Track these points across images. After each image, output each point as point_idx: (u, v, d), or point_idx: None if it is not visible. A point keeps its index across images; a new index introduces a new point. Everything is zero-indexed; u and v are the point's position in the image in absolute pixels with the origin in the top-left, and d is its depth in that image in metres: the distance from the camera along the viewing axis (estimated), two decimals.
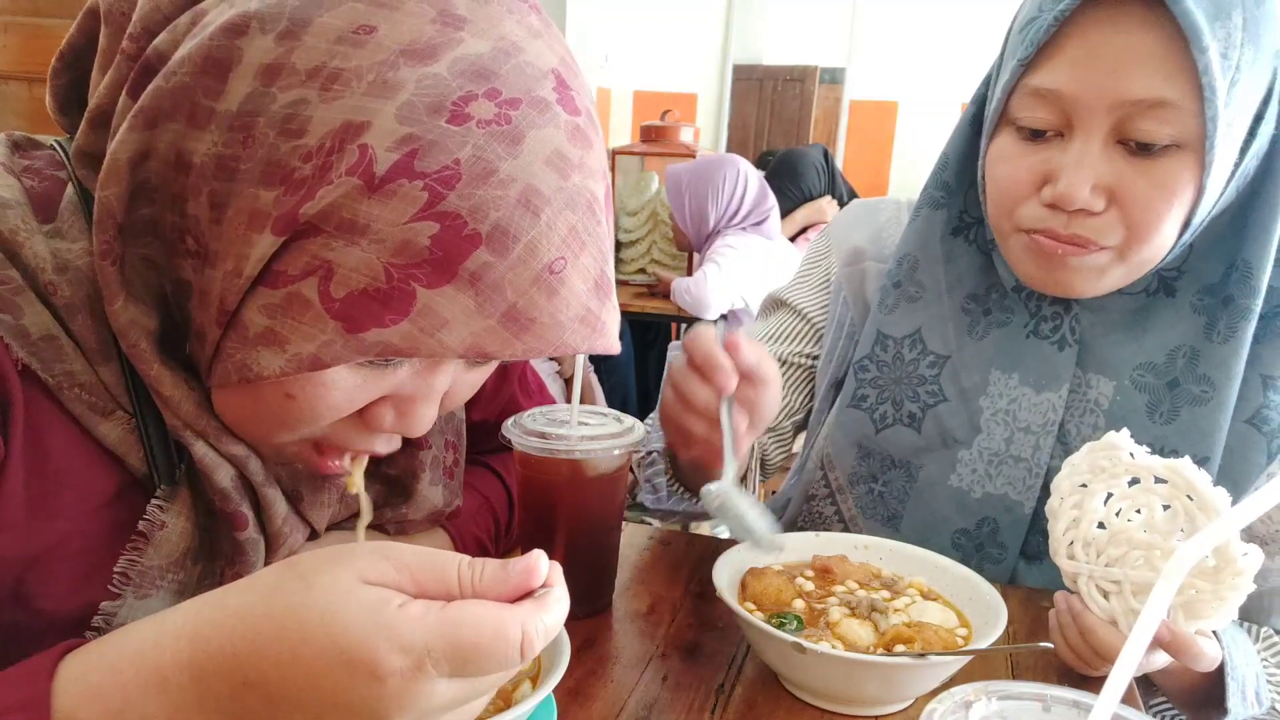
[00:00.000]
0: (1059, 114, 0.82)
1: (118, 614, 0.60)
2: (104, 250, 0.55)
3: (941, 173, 0.99)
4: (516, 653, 0.43)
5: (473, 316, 0.51)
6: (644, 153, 3.34)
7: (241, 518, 0.62)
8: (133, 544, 0.60)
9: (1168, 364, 0.89)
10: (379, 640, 0.42)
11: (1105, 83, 0.78)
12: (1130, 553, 0.71)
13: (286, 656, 0.42)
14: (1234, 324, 0.87)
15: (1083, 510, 0.74)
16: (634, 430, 0.81)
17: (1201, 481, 0.69)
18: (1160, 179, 0.79)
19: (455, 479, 0.82)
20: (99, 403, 0.58)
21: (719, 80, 7.61)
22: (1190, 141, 0.78)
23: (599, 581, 0.85)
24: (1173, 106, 0.77)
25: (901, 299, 1.00)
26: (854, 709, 0.71)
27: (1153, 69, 0.76)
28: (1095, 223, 0.82)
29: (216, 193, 0.52)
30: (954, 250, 0.98)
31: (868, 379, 1.00)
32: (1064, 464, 0.77)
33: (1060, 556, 0.75)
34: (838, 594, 0.78)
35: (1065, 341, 0.92)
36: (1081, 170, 0.80)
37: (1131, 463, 0.73)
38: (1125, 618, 0.71)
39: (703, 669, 0.76)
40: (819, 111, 7.44)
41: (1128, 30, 0.77)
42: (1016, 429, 0.93)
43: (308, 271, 0.51)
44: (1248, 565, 0.67)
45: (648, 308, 3.10)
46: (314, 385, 0.55)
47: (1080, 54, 0.79)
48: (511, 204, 0.50)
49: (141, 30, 0.54)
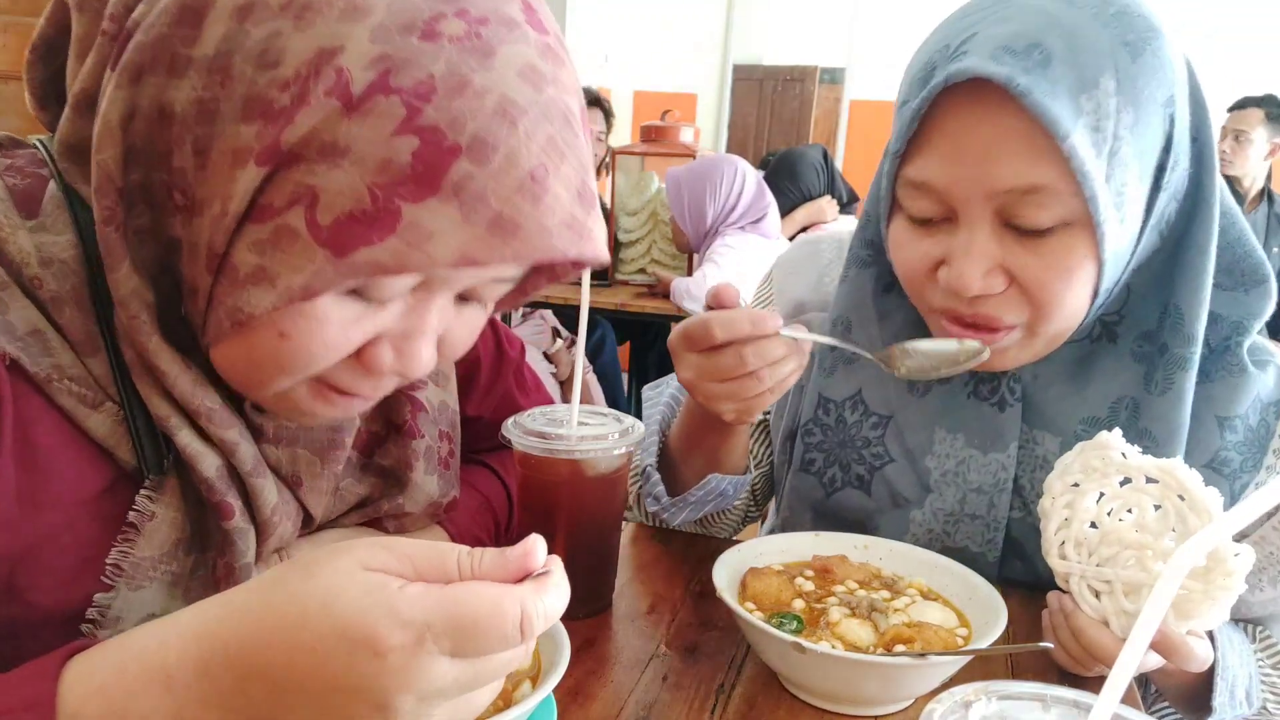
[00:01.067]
0: (939, 203, 0.79)
1: (111, 606, 0.60)
2: (106, 216, 0.55)
3: (864, 231, 0.95)
4: (515, 629, 0.44)
5: (459, 227, 0.51)
6: (644, 153, 3.33)
7: (228, 507, 0.62)
8: (123, 535, 0.60)
9: (1110, 417, 0.87)
10: (379, 616, 0.42)
11: (974, 174, 0.75)
12: (1122, 552, 0.71)
13: (289, 642, 0.43)
14: (1170, 375, 0.84)
15: (1074, 510, 0.74)
16: (634, 430, 0.81)
17: (1193, 482, 0.70)
18: (1054, 257, 0.76)
19: (451, 470, 0.82)
20: (88, 395, 0.59)
21: (719, 80, 7.62)
22: (1078, 218, 0.75)
23: (599, 581, 0.85)
24: (1048, 190, 0.73)
25: (839, 361, 0.98)
26: (854, 709, 0.71)
27: (1020, 155, 0.73)
28: (998, 301, 0.79)
29: (200, 139, 0.53)
30: (887, 307, 0.95)
31: (814, 443, 0.98)
32: (1056, 463, 0.77)
33: (1052, 556, 0.75)
34: (838, 594, 0.78)
35: (1005, 402, 0.90)
36: (970, 259, 0.77)
37: (1123, 462, 0.73)
38: (1117, 618, 0.71)
39: (703, 669, 0.76)
40: (819, 111, 7.44)
41: (989, 119, 0.73)
42: (968, 490, 0.91)
43: (293, 200, 0.51)
44: (1239, 566, 0.67)
45: (648, 308, 3.10)
46: (306, 320, 0.54)
47: (946, 146, 0.76)
48: (488, 114, 0.51)
49: (121, 9, 0.55)
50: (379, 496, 0.77)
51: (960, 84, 0.73)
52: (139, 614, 0.61)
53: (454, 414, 0.83)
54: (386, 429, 0.77)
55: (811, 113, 7.43)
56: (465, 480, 0.89)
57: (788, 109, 7.53)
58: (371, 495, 0.77)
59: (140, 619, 0.60)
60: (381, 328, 0.57)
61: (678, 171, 3.09)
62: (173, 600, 0.62)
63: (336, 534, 0.76)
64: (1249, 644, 0.86)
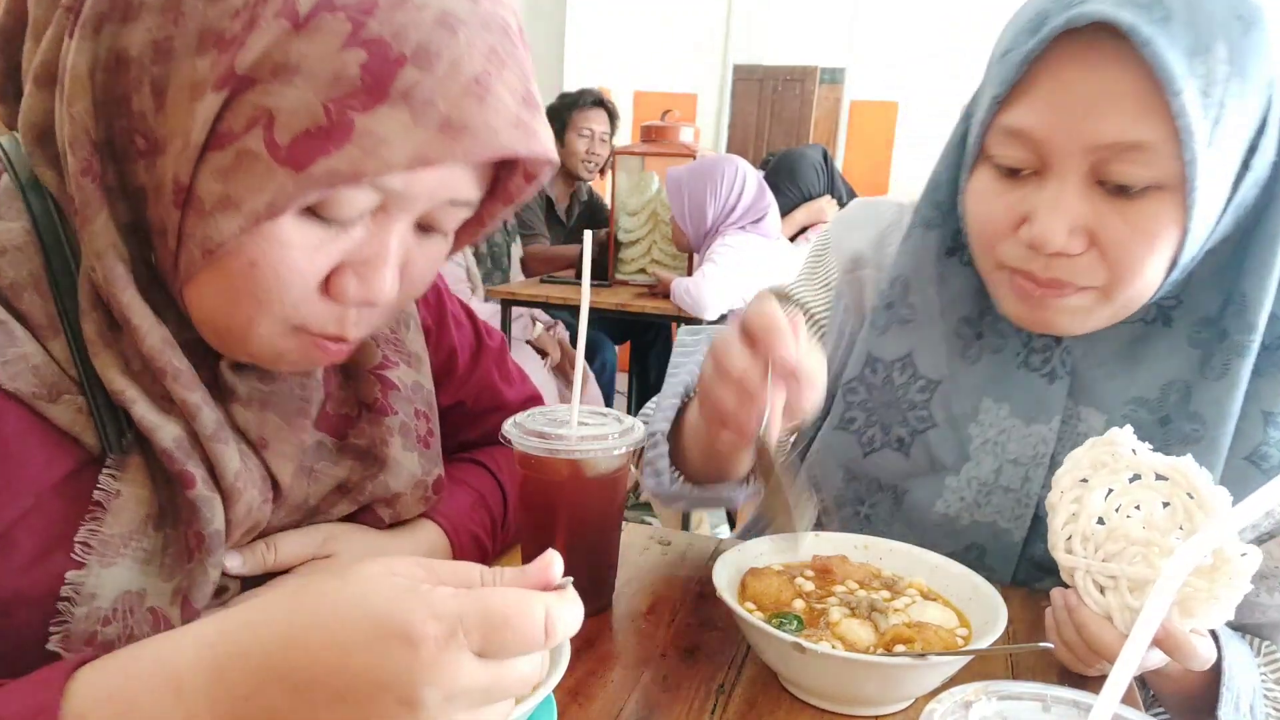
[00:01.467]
0: (1034, 154, 0.78)
1: (85, 583, 0.61)
2: (83, 168, 0.57)
3: (933, 193, 0.95)
4: (541, 631, 0.46)
5: (410, 130, 0.53)
6: (644, 153, 3.33)
7: (189, 476, 0.63)
8: (91, 514, 0.61)
9: (1160, 399, 0.86)
10: (414, 607, 0.44)
11: (1078, 125, 0.75)
12: (1128, 549, 0.71)
13: (318, 640, 0.44)
14: (1228, 360, 0.83)
15: (1082, 505, 0.74)
16: (634, 430, 0.81)
17: (1202, 480, 0.69)
18: (1140, 221, 0.76)
19: (432, 449, 0.83)
20: (52, 382, 0.60)
21: (719, 80, 7.62)
22: (1171, 182, 0.74)
23: (599, 581, 0.85)
24: (1149, 149, 0.73)
25: (893, 321, 0.97)
26: (854, 709, 0.71)
27: (1127, 110, 0.73)
28: (1075, 264, 0.79)
29: (157, 79, 0.55)
30: (948, 271, 0.95)
31: (856, 401, 0.98)
32: (1065, 458, 0.77)
33: (1058, 550, 0.75)
34: (838, 594, 0.78)
35: (1056, 374, 0.90)
36: (1057, 213, 0.77)
37: (1133, 459, 0.73)
38: (1121, 613, 0.71)
39: (703, 669, 0.76)
40: (819, 112, 7.44)
41: (1101, 69, 0.73)
42: (1005, 460, 0.91)
43: (251, 123, 0.53)
44: (1245, 565, 0.67)
45: (648, 308, 3.09)
46: (273, 246, 0.56)
47: (1052, 94, 0.76)
48: (430, 25, 0.54)
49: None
50: (360, 479, 0.77)
51: (1074, 32, 0.73)
52: (114, 590, 0.61)
53: (429, 394, 0.84)
54: (359, 409, 0.78)
55: (811, 113, 7.43)
56: (458, 477, 0.90)
57: (788, 109, 7.53)
58: (351, 478, 0.77)
59: (116, 596, 0.61)
60: (345, 254, 0.59)
61: (678, 172, 3.08)
62: (147, 576, 0.63)
63: (329, 528, 0.76)
64: (1254, 658, 0.86)
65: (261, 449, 0.68)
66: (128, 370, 0.61)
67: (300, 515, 0.75)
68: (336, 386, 0.78)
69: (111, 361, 0.61)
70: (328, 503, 0.76)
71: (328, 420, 0.76)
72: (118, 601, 0.61)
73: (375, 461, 0.77)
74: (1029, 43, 0.75)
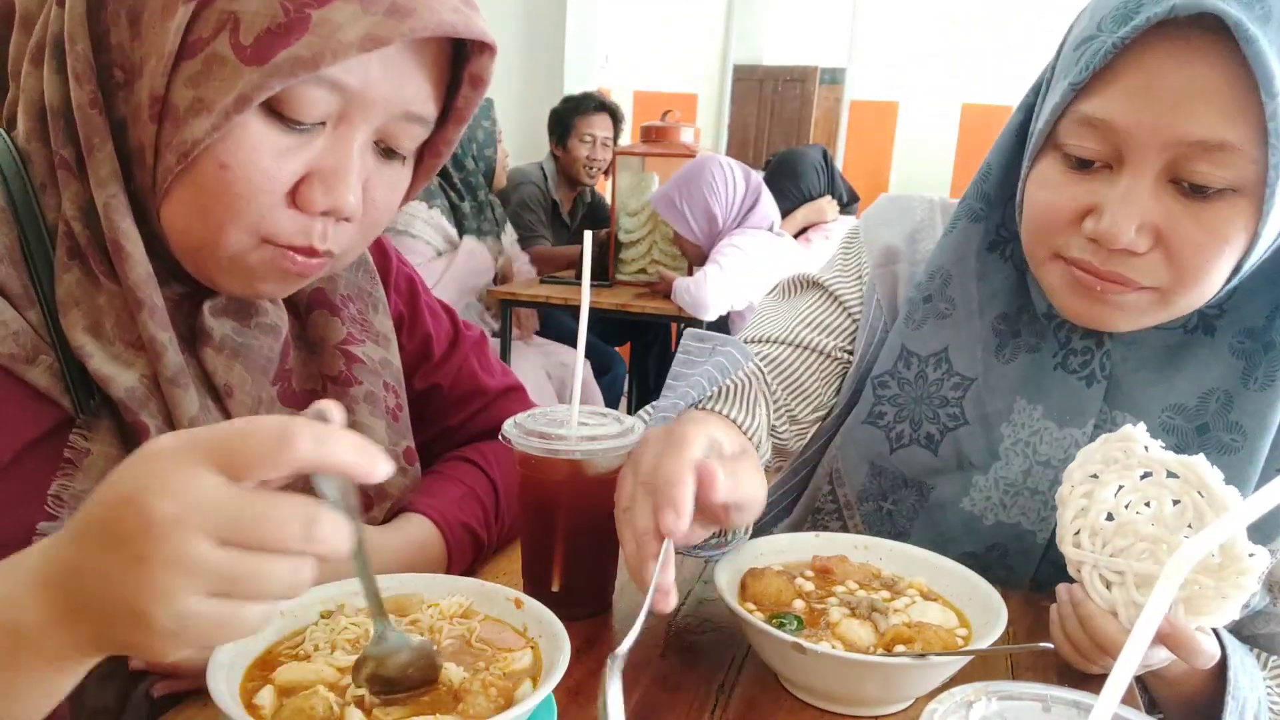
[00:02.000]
0: (1109, 145, 0.76)
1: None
2: (91, 100, 0.63)
3: (983, 183, 0.93)
4: (285, 437, 0.44)
5: (360, 17, 0.60)
6: (644, 153, 3.32)
7: (143, 426, 0.66)
8: (62, 470, 0.65)
9: (1199, 407, 0.85)
10: (153, 442, 0.46)
11: (1163, 119, 0.72)
12: (1136, 545, 0.71)
13: (101, 493, 0.46)
14: (1274, 371, 0.82)
15: (1092, 500, 0.74)
16: (634, 430, 0.81)
17: (1213, 479, 0.69)
18: (1212, 224, 0.74)
19: (401, 422, 0.86)
20: (30, 347, 0.64)
21: (719, 80, 7.61)
22: (1248, 186, 0.73)
23: (599, 581, 0.85)
24: (1233, 150, 0.71)
25: (930, 315, 0.95)
26: (854, 709, 0.71)
27: (1216, 108, 0.71)
28: (1138, 263, 0.77)
29: (133, 8, 0.62)
30: (989, 266, 0.93)
31: (887, 396, 0.96)
32: (1078, 453, 0.76)
33: (1065, 544, 0.74)
34: (838, 594, 0.78)
35: (1094, 377, 0.89)
36: (1129, 208, 0.75)
37: (1145, 456, 0.72)
38: (1126, 609, 0.71)
39: (703, 669, 0.76)
40: (819, 112, 7.43)
41: (1191, 63, 0.71)
42: (1036, 461, 0.90)
43: (218, 28, 0.60)
44: (1253, 564, 0.67)
45: (648, 308, 3.09)
46: (242, 148, 0.62)
47: (1138, 85, 0.74)
48: None
49: None
50: None
51: (1166, 23, 0.71)
52: None
53: (397, 370, 0.87)
54: (323, 383, 0.81)
55: (811, 113, 7.42)
56: (446, 473, 0.91)
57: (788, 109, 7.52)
58: None
59: None
60: (309, 164, 0.65)
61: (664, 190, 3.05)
62: None
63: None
64: (1259, 670, 0.86)
65: (226, 397, 0.72)
66: (91, 329, 0.65)
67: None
68: (301, 362, 0.80)
69: (78, 320, 0.65)
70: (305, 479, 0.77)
71: (294, 396, 0.79)
72: None
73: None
74: (1119, 30, 0.73)
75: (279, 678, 0.59)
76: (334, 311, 0.82)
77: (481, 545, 0.89)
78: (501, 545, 0.95)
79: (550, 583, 0.81)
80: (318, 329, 0.81)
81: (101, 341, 0.65)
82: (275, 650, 0.63)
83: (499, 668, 0.62)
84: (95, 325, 0.65)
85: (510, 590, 0.69)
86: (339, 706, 0.56)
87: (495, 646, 0.65)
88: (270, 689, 0.58)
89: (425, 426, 0.96)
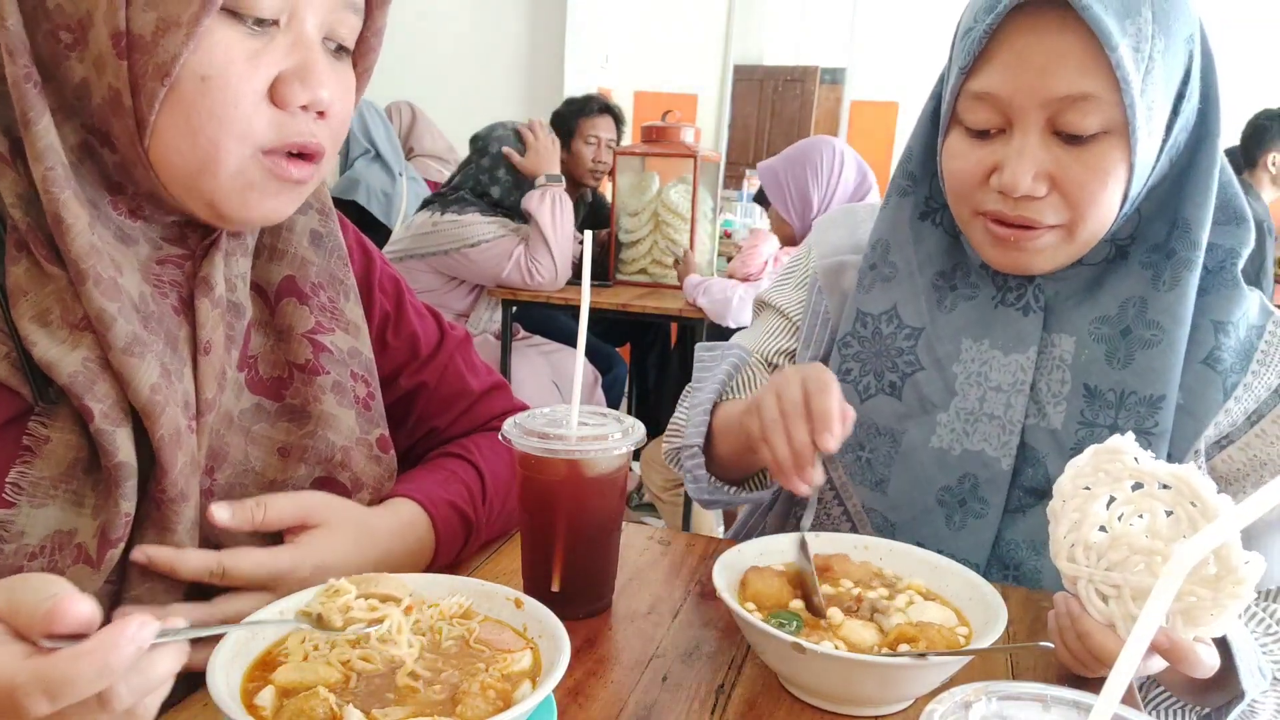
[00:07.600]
0: (999, 113, 0.90)
1: (14, 522, 0.65)
2: (24, 74, 0.64)
3: (907, 164, 1.07)
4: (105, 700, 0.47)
5: None
6: (645, 153, 3.32)
7: (87, 410, 0.66)
8: (21, 458, 0.65)
9: (1119, 314, 0.97)
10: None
11: (1034, 83, 0.87)
12: (1131, 557, 0.71)
13: None
14: (1177, 273, 0.95)
15: (1084, 513, 0.74)
16: (634, 430, 0.81)
17: (1205, 488, 0.69)
18: (1093, 162, 0.88)
19: (373, 411, 0.87)
20: None
21: (719, 80, 7.62)
22: (1116, 127, 0.87)
23: (599, 581, 0.85)
24: (1095, 99, 0.85)
25: (877, 279, 1.08)
26: (854, 709, 0.71)
27: (1073, 67, 0.85)
28: (1040, 205, 0.91)
29: None
30: (922, 232, 1.06)
31: (850, 354, 1.08)
32: (1067, 465, 0.77)
33: (1060, 559, 0.74)
34: (838, 594, 0.78)
35: (1030, 308, 1.00)
36: (1022, 161, 0.89)
37: (1135, 467, 0.72)
38: (1124, 622, 0.70)
39: (703, 669, 0.76)
40: (819, 112, 7.44)
41: (1049, 34, 0.86)
42: (988, 388, 1.01)
43: None
44: (1249, 574, 0.66)
45: (648, 308, 3.09)
46: (216, 57, 0.64)
47: (1010, 59, 0.88)
48: None
49: None
50: (299, 438, 0.80)
51: (1023, 6, 0.87)
52: (44, 530, 0.66)
53: (368, 360, 0.88)
54: (289, 370, 0.81)
55: (812, 113, 7.43)
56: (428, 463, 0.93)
57: (788, 109, 7.53)
58: (290, 440, 0.80)
59: (47, 534, 0.66)
60: (279, 63, 0.68)
61: (770, 164, 2.97)
62: (79, 517, 0.67)
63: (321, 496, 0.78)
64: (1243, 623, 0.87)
65: (206, 352, 0.73)
66: (39, 317, 0.65)
67: (249, 480, 0.77)
68: (269, 349, 0.81)
69: (26, 310, 0.65)
70: (278, 469, 0.79)
71: (262, 384, 0.80)
72: (46, 540, 0.66)
73: (308, 418, 0.80)
74: (987, 19, 0.88)
75: (279, 678, 0.59)
76: (303, 299, 0.82)
77: (470, 524, 0.89)
78: (498, 534, 0.96)
79: (550, 583, 0.81)
80: (285, 316, 0.82)
81: (49, 328, 0.65)
82: (275, 650, 0.63)
83: (498, 669, 0.62)
84: (43, 314, 0.65)
85: (510, 590, 0.69)
86: (339, 707, 0.56)
87: (495, 648, 0.65)
88: (271, 689, 0.58)
89: (414, 428, 0.97)
